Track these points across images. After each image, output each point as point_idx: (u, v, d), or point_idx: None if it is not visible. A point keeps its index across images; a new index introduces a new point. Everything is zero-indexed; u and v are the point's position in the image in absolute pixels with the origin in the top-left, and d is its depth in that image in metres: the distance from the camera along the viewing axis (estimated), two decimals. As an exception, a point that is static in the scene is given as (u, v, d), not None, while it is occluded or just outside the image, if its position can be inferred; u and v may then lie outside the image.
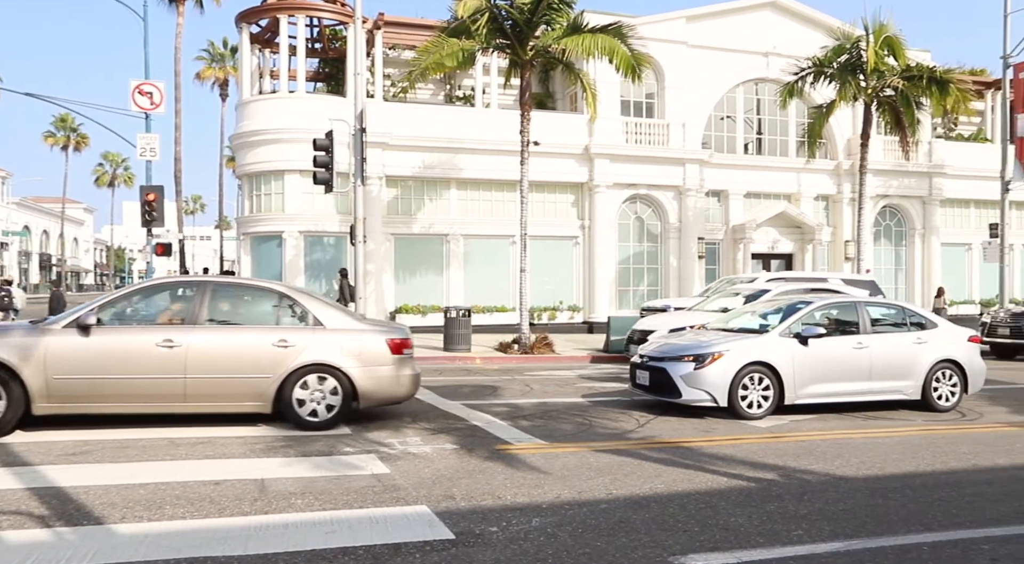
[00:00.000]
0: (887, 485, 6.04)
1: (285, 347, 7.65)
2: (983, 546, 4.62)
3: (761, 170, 24.65)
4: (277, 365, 7.60)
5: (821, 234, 24.83)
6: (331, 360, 7.75)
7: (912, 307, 10.70)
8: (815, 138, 22.06)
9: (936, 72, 19.54)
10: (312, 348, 7.74)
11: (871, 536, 4.75)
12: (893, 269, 26.49)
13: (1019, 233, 27.27)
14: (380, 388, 7.96)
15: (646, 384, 9.39)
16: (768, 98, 24.83)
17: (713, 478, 6.11)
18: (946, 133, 27.90)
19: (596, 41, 16.01)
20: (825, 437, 7.98)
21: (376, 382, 7.91)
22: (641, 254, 23.70)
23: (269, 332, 7.78)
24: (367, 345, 7.96)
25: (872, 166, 23.29)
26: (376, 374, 7.91)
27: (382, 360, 7.96)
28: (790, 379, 9.00)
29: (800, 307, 9.70)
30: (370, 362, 7.90)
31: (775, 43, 24.53)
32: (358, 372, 7.81)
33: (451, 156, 21.56)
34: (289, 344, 7.68)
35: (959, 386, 9.89)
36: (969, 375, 9.96)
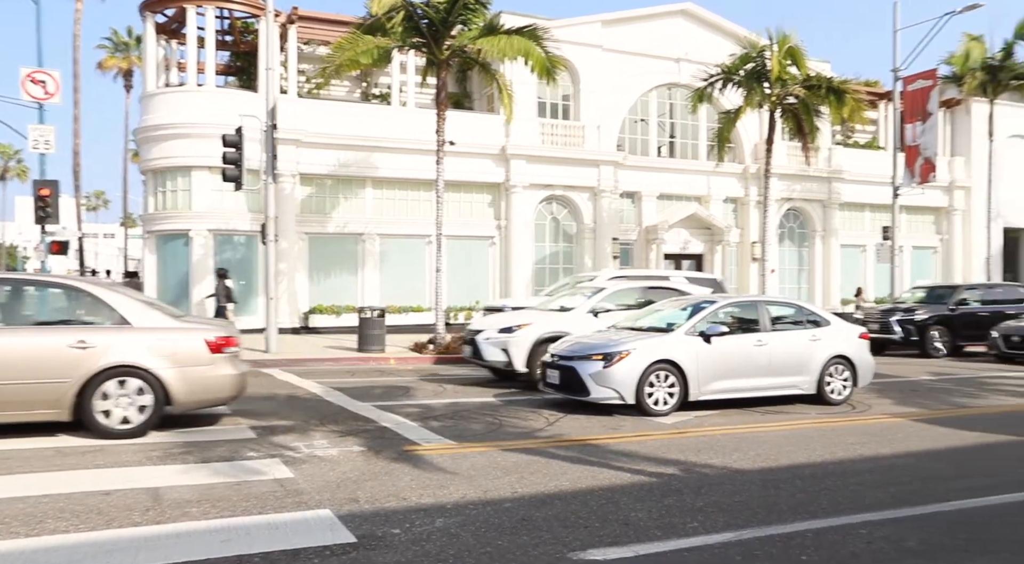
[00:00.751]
0: (779, 476, 6.33)
1: (84, 348, 7.12)
2: (861, 530, 4.90)
3: (673, 172, 25.37)
4: (74, 368, 7.06)
5: (729, 235, 25.74)
6: (138, 361, 7.28)
7: (808, 306, 11.22)
8: (724, 142, 22.84)
9: (834, 82, 20.57)
10: (116, 349, 7.24)
11: (761, 525, 4.96)
12: (796, 269, 27.73)
13: (909, 236, 28.98)
14: (197, 390, 7.56)
15: (556, 383, 9.52)
16: (680, 102, 25.56)
17: (617, 474, 6.26)
18: (844, 140, 29.39)
19: (511, 42, 16.12)
20: (725, 432, 8.28)
21: (192, 384, 7.49)
22: (557, 254, 24.00)
23: (65, 332, 7.21)
24: (182, 344, 7.54)
25: (777, 170, 24.32)
26: (192, 375, 7.49)
27: (199, 360, 7.55)
28: (694, 376, 9.30)
29: (705, 306, 10.03)
30: (185, 362, 7.47)
31: (687, 49, 25.28)
32: (170, 373, 7.36)
33: (367, 155, 21.30)
34: (89, 345, 7.14)
35: (850, 380, 10.39)
36: (859, 370, 10.50)
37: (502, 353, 11.48)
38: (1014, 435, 8.37)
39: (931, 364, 16.54)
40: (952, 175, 29.23)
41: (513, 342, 11.42)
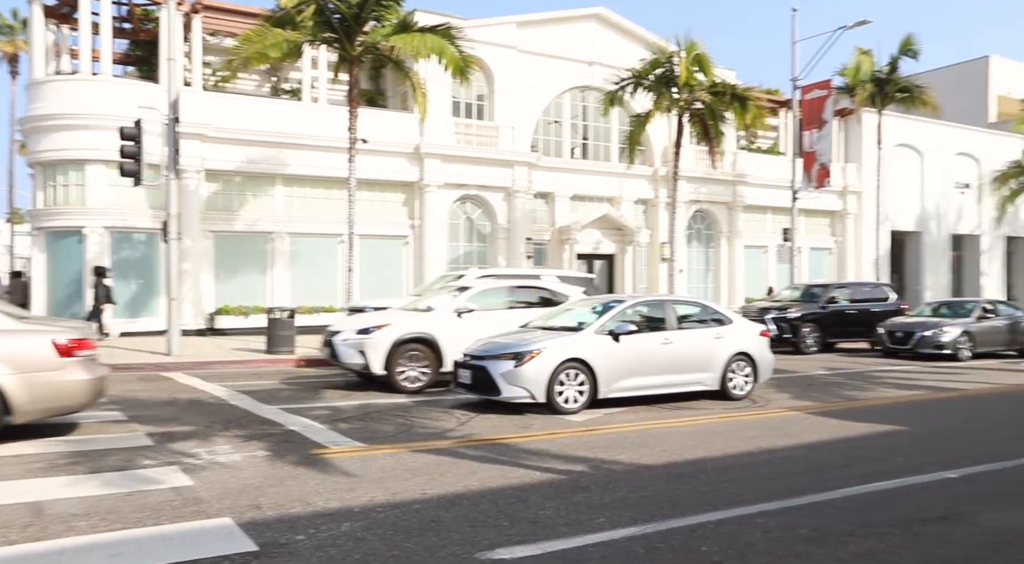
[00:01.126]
0: (684, 470, 6.52)
1: None
2: (758, 520, 5.10)
3: (586, 174, 25.78)
4: None
5: (640, 236, 26.37)
6: None
7: (713, 305, 11.65)
8: (635, 145, 23.38)
9: (738, 89, 21.39)
10: None
11: (665, 519, 5.09)
12: (703, 269, 28.67)
13: (807, 237, 30.42)
14: (43, 398, 7.00)
15: (468, 383, 9.52)
16: (593, 105, 26.01)
17: (526, 473, 6.30)
18: (747, 145, 30.59)
19: (425, 41, 16.03)
20: (634, 428, 8.47)
21: (37, 391, 6.93)
22: (471, 254, 24.00)
23: None
24: (24, 348, 6.96)
25: (685, 173, 25.10)
26: (37, 381, 6.92)
27: (46, 365, 6.99)
28: (604, 374, 9.47)
29: (614, 306, 10.23)
30: (28, 368, 6.89)
31: (600, 53, 25.75)
32: (9, 380, 6.78)
33: (277, 151, 20.72)
34: None
35: (751, 376, 10.81)
36: (760, 366, 10.93)
37: (359, 355, 11.05)
38: (898, 425, 8.91)
39: (825, 359, 17.42)
40: (845, 180, 30.87)
41: (370, 344, 10.99)
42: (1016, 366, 16.52)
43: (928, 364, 16.58)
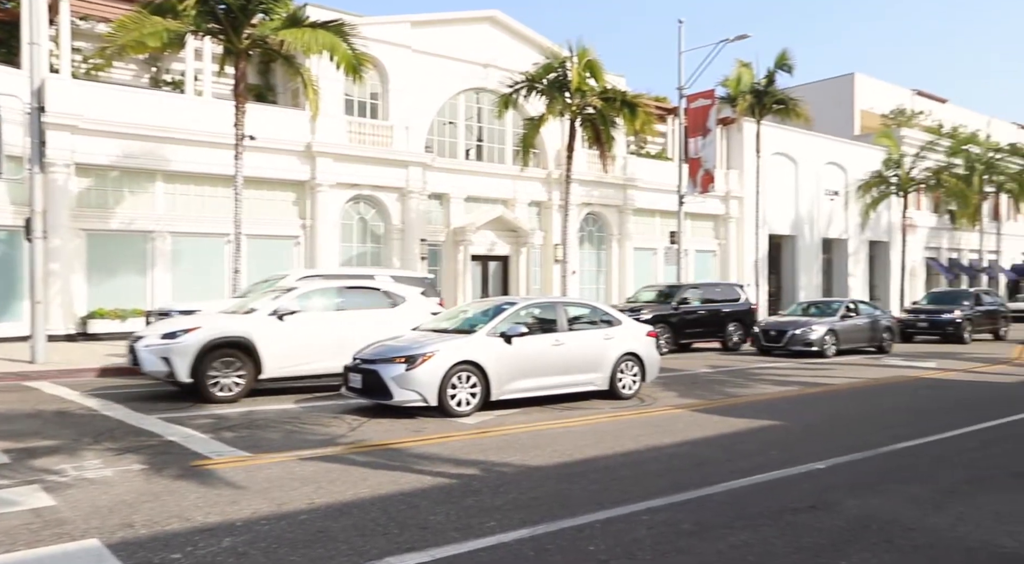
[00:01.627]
0: (574, 470, 6.64)
1: None
2: (643, 517, 5.26)
3: (481, 175, 25.87)
4: None
5: (534, 238, 26.70)
6: None
7: (603, 307, 11.92)
8: (529, 148, 23.64)
9: (628, 96, 22.02)
10: None
11: (555, 520, 5.16)
12: (595, 270, 29.35)
13: (693, 240, 31.72)
14: None
15: (358, 387, 9.36)
16: (488, 107, 26.12)
17: (418, 478, 6.24)
18: (637, 151, 31.57)
19: (316, 36, 15.61)
20: (525, 430, 8.56)
21: None
22: (365, 255, 23.60)
23: None
24: None
25: (577, 176, 25.58)
26: None
27: None
28: (496, 376, 9.53)
29: (506, 308, 10.32)
30: None
31: (494, 56, 25.89)
32: None
33: (157, 145, 19.64)
34: None
35: (639, 376, 11.16)
36: (647, 366, 11.29)
37: (162, 362, 10.10)
38: (774, 420, 9.42)
39: (709, 357, 18.22)
40: (728, 186, 32.39)
41: (176, 349, 10.05)
42: (877, 361, 17.82)
43: (801, 361, 17.65)
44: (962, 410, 10.42)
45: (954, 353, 19.82)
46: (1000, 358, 18.72)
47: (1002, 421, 9.48)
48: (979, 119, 47.95)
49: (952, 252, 43.77)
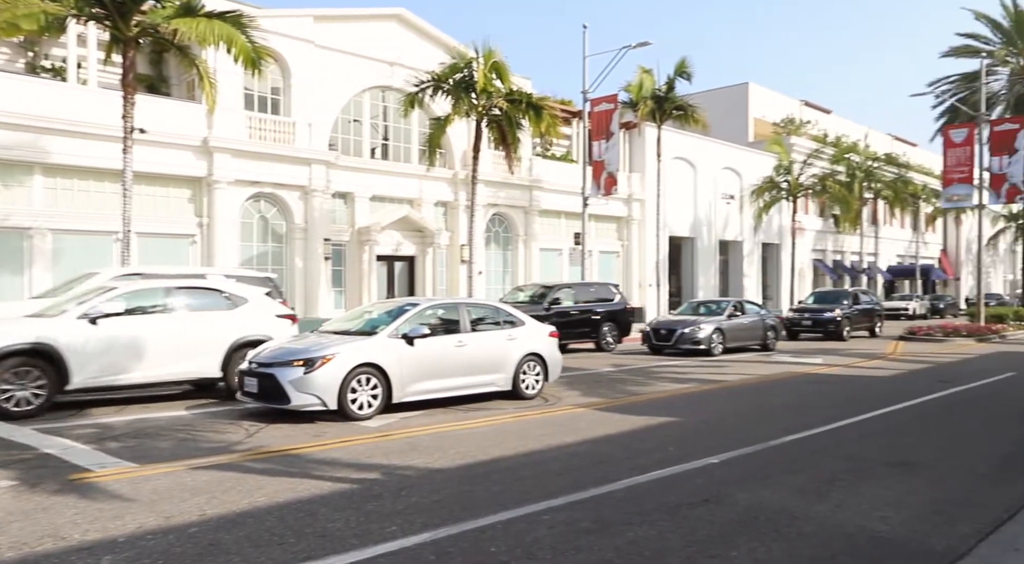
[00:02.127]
0: (477, 472, 6.63)
1: None
2: (544, 516, 5.31)
3: (386, 175, 25.53)
4: None
5: (440, 238, 26.58)
6: None
7: (506, 307, 11.98)
8: (435, 148, 23.52)
9: (533, 98, 22.24)
10: None
11: (457, 522, 5.14)
12: (502, 271, 29.51)
13: (597, 241, 32.36)
14: None
15: (254, 391, 9.06)
16: (393, 106, 25.78)
17: (318, 484, 6.09)
18: (543, 152, 31.96)
19: (212, 27, 14.99)
20: (429, 432, 8.50)
21: None
22: (266, 254, 22.87)
23: None
24: None
25: (483, 177, 25.64)
26: None
27: None
28: (397, 378, 9.42)
29: (408, 309, 10.20)
30: None
31: (400, 54, 25.60)
32: None
33: (35, 137, 18.34)
34: None
35: (542, 376, 11.25)
36: (550, 366, 11.41)
37: None
38: (673, 417, 9.72)
39: (612, 357, 18.62)
40: (631, 189, 33.24)
41: None
42: (768, 358, 18.70)
43: (698, 359, 18.30)
44: (844, 404, 11.05)
45: (836, 349, 21.04)
46: (876, 353, 20.01)
47: (878, 412, 10.13)
48: (859, 130, 51.10)
49: (836, 254, 46.47)
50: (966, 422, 9.70)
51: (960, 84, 36.30)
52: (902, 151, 52.68)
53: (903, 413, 10.20)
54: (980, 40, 35.71)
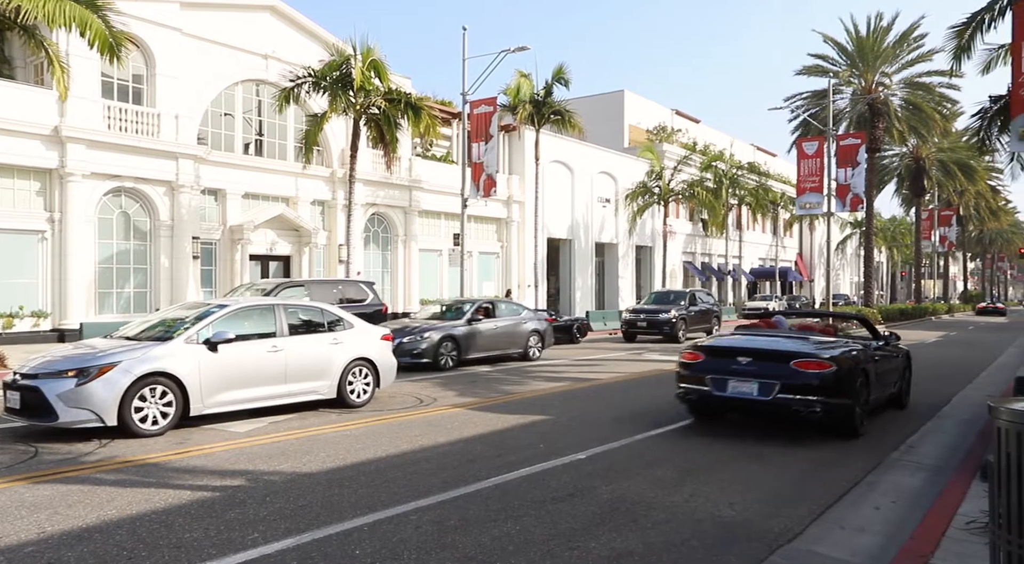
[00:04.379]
0: (346, 475, 6.56)
1: None
2: (411, 517, 5.34)
3: (261, 172, 24.64)
4: None
5: (317, 238, 25.95)
6: None
7: (332, 309, 11.02)
8: (312, 145, 22.95)
9: (412, 98, 22.15)
10: None
11: (322, 526, 5.08)
12: (381, 271, 29.15)
13: (476, 242, 32.59)
14: None
15: (16, 407, 8.01)
16: (268, 101, 24.94)
17: (176, 493, 5.84)
18: (423, 153, 31.85)
19: (63, 7, 13.97)
20: (300, 435, 8.31)
21: None
22: (127, 253, 21.53)
23: None
24: None
25: (362, 176, 25.30)
26: None
27: None
28: (196, 389, 8.50)
29: (213, 311, 9.24)
30: None
31: (275, 47, 24.79)
32: None
33: None
34: None
35: (372, 382, 10.53)
36: (381, 371, 10.70)
37: None
38: (545, 415, 9.97)
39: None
40: (510, 191, 33.69)
41: None
42: (639, 356, 19.48)
43: (576, 358, 18.78)
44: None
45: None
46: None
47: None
48: (725, 139, 54.14)
49: (705, 256, 49.00)
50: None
51: (812, 100, 39.22)
52: (763, 160, 56.22)
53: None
54: (828, 61, 38.72)
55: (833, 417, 8.19)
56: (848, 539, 5.11)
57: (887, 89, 38.72)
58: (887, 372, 9.82)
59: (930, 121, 38.44)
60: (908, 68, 38.56)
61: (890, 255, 74.26)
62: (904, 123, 38.46)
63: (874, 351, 9.47)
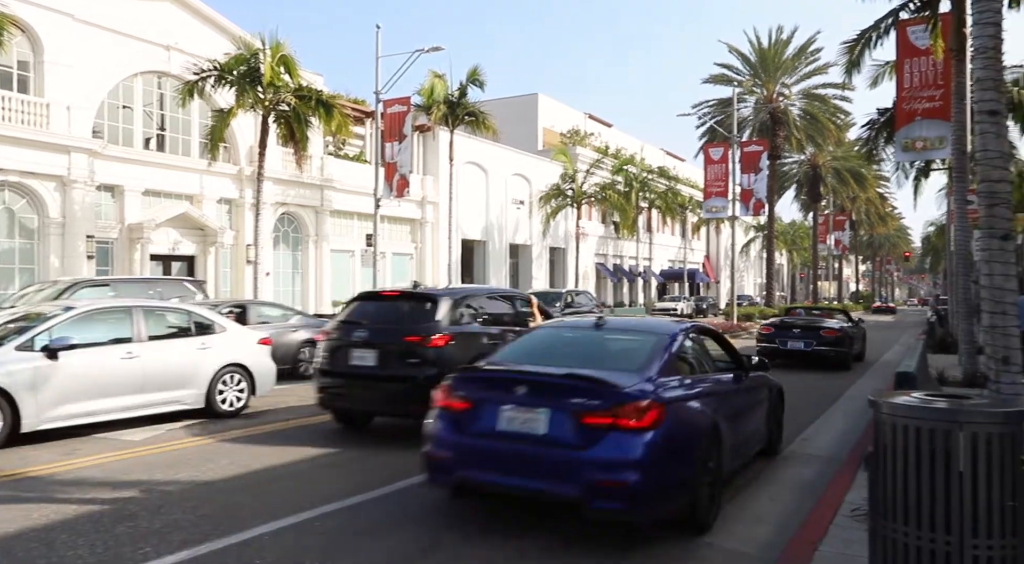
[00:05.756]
0: (249, 482, 6.35)
1: None
2: (316, 523, 5.22)
3: (163, 168, 23.58)
4: None
5: (224, 237, 25.05)
6: None
7: (201, 311, 10.23)
8: (218, 141, 22.08)
9: (324, 96, 21.67)
10: None
11: (221, 537, 4.89)
12: (291, 272, 28.42)
13: (390, 243, 32.21)
14: None
15: None
16: (171, 94, 23.88)
17: (60, 508, 5.50)
18: (336, 152, 31.24)
19: (-62, -12, 12.99)
20: (201, 442, 8.00)
21: None
22: (12, 252, 20.16)
23: None
24: None
25: (272, 175, 24.58)
26: None
27: None
28: (31, 402, 7.64)
29: (56, 314, 8.38)
30: None
31: (178, 38, 23.77)
32: None
33: None
34: None
35: (247, 389, 9.80)
36: (258, 377, 9.95)
37: None
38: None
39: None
40: (424, 191, 33.48)
41: None
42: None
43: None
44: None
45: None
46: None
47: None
48: (636, 144, 55.46)
49: (616, 258, 50.07)
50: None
51: (718, 108, 40.69)
52: (673, 165, 57.90)
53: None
54: (733, 71, 40.32)
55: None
56: (745, 530, 5.31)
57: (787, 99, 40.60)
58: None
59: (825, 131, 40.53)
60: (806, 80, 40.59)
61: (790, 257, 77.86)
62: (802, 132, 40.41)
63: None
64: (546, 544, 4.85)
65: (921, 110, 14.67)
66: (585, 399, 4.76)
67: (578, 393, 4.81)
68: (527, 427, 4.83)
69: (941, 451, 3.29)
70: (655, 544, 4.89)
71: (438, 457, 5.16)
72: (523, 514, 5.39)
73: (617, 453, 4.61)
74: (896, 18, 15.15)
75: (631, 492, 4.55)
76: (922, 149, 15.00)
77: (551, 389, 4.94)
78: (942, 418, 3.35)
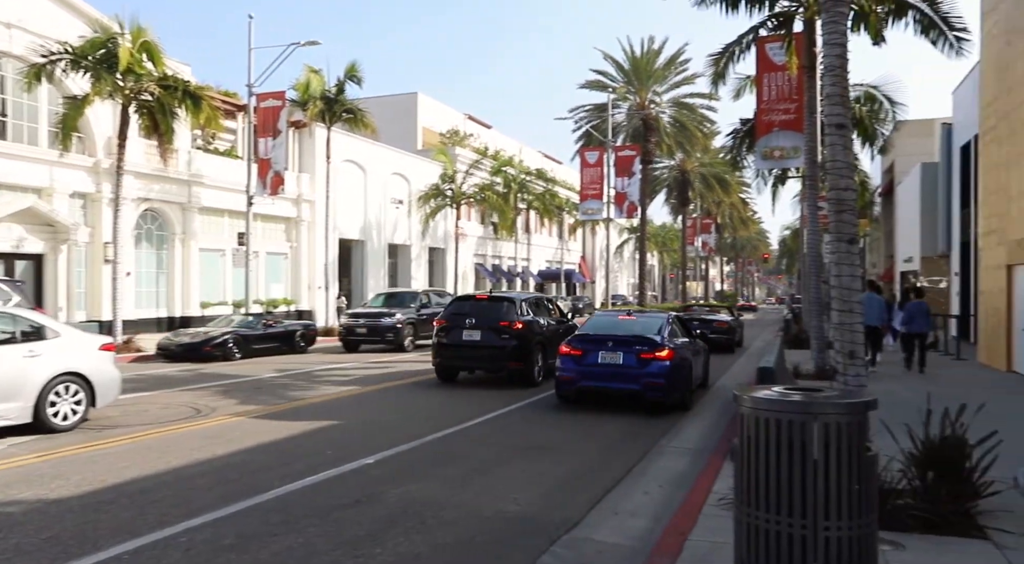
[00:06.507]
0: (105, 497, 5.91)
1: None
2: (182, 539, 4.93)
3: (5, 158, 21.58)
4: None
5: (78, 234, 23.24)
6: None
7: (28, 315, 9.53)
8: (70, 130, 20.40)
9: (191, 86, 20.50)
10: None
11: (71, 560, 4.53)
12: (155, 272, 26.76)
13: (264, 242, 30.94)
14: None
15: None
16: (14, 77, 21.90)
17: None
18: (205, 146, 29.68)
19: None
20: (50, 457, 7.37)
21: None
22: None
23: None
24: None
25: (133, 168, 23.08)
26: None
27: None
28: None
29: None
30: None
31: (21, 16, 21.83)
32: None
33: None
34: None
35: (85, 400, 8.96)
36: (99, 386, 9.11)
37: None
38: (334, 420, 9.69)
39: (277, 361, 17.92)
40: (300, 189, 32.41)
41: None
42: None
43: (366, 360, 18.48)
44: (485, 401, 12.02)
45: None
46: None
47: (515, 406, 11.21)
48: (515, 145, 56.16)
49: (495, 258, 50.49)
50: (586, 406, 11.12)
51: (594, 113, 41.86)
52: (551, 167, 59.04)
53: (537, 404, 11.42)
54: (608, 77, 41.56)
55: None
56: (622, 523, 5.48)
57: (658, 106, 42.32)
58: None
59: (693, 138, 42.57)
60: (676, 89, 42.43)
61: (661, 259, 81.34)
62: (672, 138, 42.24)
63: None
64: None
65: (778, 122, 15.70)
66: (640, 346, 10.37)
67: (636, 343, 10.44)
68: (613, 360, 10.40)
69: (798, 441, 3.52)
70: (538, 535, 4.95)
71: (567, 378, 10.64)
72: (400, 521, 5.32)
73: (657, 369, 10.16)
74: (756, 35, 16.15)
75: (663, 388, 10.16)
76: (779, 158, 16.09)
77: (623, 341, 10.55)
78: (798, 410, 3.58)
